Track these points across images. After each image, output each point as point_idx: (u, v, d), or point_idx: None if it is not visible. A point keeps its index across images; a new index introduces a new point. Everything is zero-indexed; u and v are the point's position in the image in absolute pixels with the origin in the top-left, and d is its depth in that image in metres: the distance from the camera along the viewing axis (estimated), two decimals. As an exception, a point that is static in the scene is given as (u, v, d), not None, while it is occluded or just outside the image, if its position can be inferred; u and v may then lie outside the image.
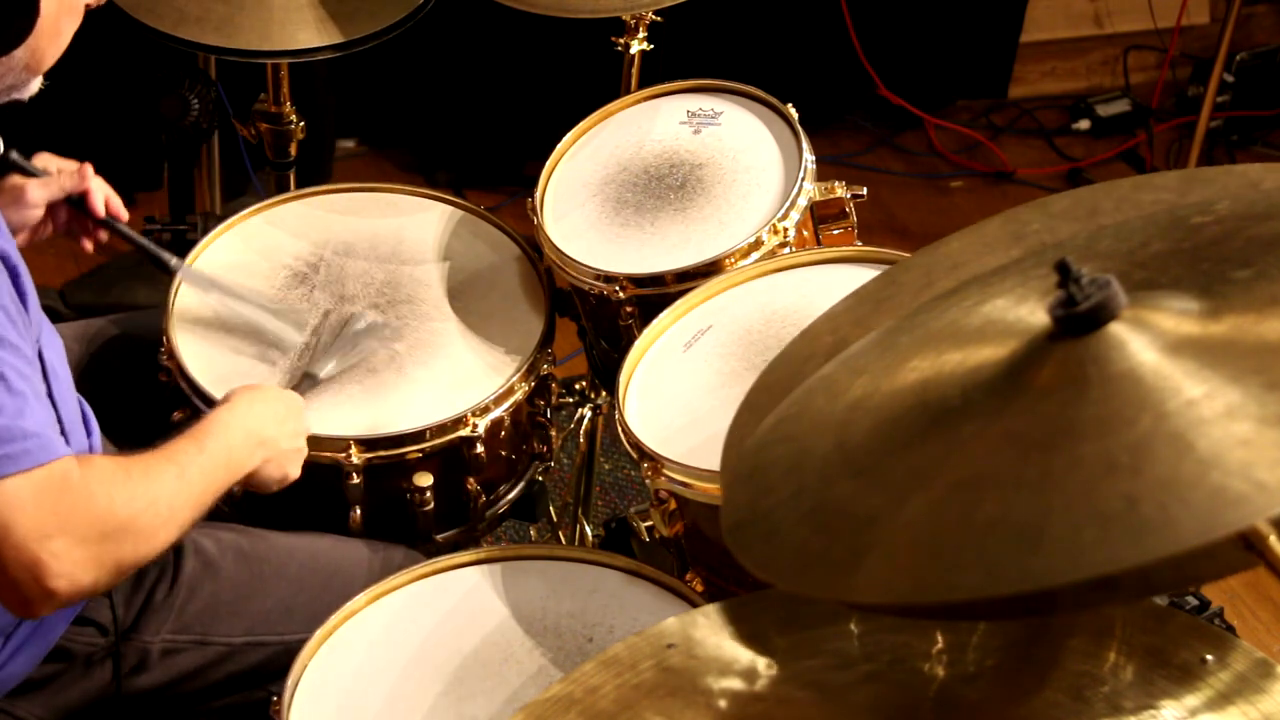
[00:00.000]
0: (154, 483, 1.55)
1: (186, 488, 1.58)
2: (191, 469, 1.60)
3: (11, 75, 1.55)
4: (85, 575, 1.48)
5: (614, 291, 2.02)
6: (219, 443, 1.65)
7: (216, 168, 3.17)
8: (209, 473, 1.62)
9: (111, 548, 1.50)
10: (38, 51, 1.55)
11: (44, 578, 1.45)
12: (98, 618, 1.72)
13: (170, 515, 1.56)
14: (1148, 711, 1.16)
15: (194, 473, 1.60)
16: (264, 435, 1.73)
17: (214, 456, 1.64)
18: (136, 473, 1.55)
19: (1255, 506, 0.93)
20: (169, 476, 1.57)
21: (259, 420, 1.73)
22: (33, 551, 1.44)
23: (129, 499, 1.52)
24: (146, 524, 1.53)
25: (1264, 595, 2.87)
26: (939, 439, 1.10)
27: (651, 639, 1.24)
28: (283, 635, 1.78)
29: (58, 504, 1.46)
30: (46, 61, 1.57)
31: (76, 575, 1.47)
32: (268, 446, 1.73)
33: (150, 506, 1.53)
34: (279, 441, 1.75)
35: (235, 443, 1.68)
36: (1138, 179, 1.41)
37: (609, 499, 3.03)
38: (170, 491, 1.56)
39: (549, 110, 2.49)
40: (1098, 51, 4.30)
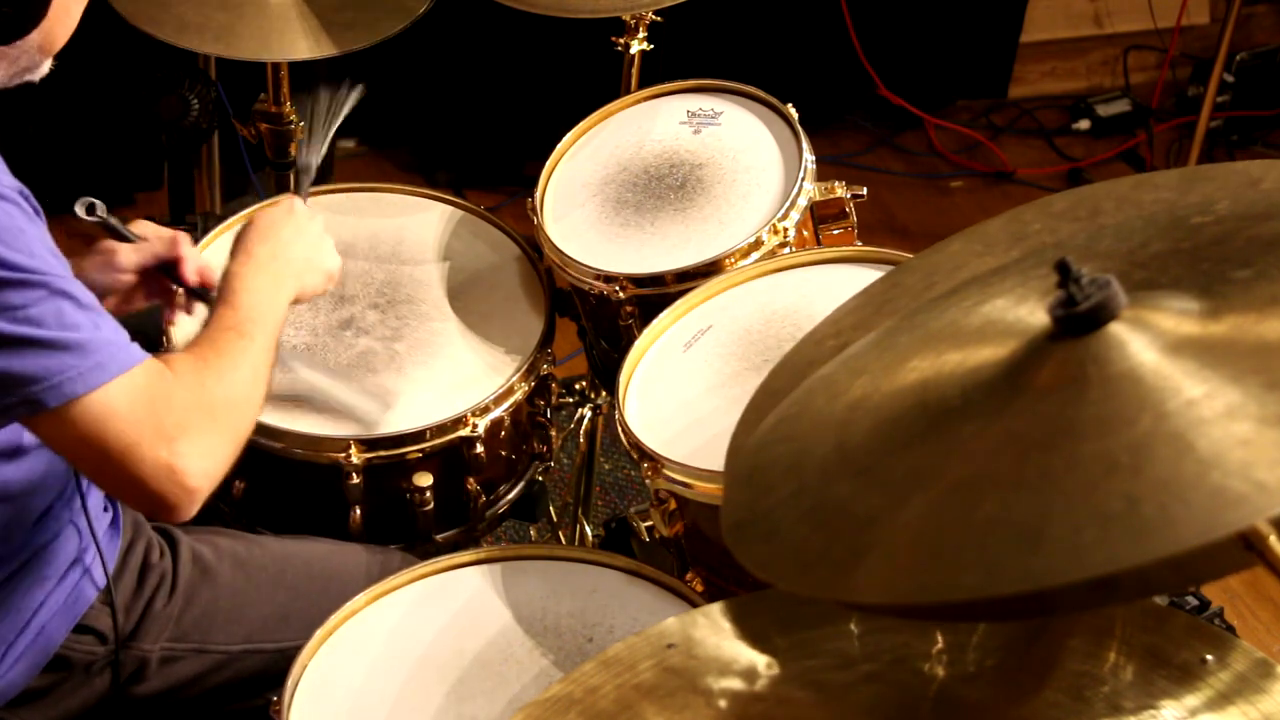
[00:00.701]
0: (228, 355, 1.62)
1: (252, 344, 1.65)
2: (243, 325, 1.66)
3: (26, 58, 1.56)
4: (214, 462, 1.54)
5: (614, 291, 2.02)
6: (250, 295, 1.70)
7: (216, 168, 3.17)
8: (260, 320, 1.68)
9: (226, 427, 1.56)
10: (50, 34, 1.56)
11: (182, 478, 1.50)
12: (98, 626, 1.72)
13: (254, 373, 1.63)
14: (1148, 711, 1.16)
15: (247, 328, 1.66)
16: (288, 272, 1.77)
17: (253, 306, 1.69)
18: (210, 354, 1.61)
19: (1255, 506, 0.93)
20: (233, 345, 1.64)
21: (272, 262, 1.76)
22: (164, 459, 1.49)
23: (219, 379, 1.58)
24: (244, 393, 1.61)
25: (1264, 595, 2.87)
26: (939, 439, 1.10)
27: (651, 639, 1.24)
28: (280, 642, 1.78)
29: (169, 404, 1.51)
30: (58, 43, 1.58)
31: (207, 465, 1.53)
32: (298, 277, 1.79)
33: (239, 376, 1.61)
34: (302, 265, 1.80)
35: (263, 289, 1.72)
36: (1138, 178, 1.41)
37: (609, 499, 3.03)
38: (239, 354, 1.63)
39: (549, 110, 2.49)
40: (1098, 51, 4.30)
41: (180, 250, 1.85)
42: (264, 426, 1.90)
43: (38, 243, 1.45)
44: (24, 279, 1.41)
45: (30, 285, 1.42)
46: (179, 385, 1.53)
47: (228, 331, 1.64)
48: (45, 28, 1.54)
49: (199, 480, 1.51)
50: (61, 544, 1.69)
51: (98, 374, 1.45)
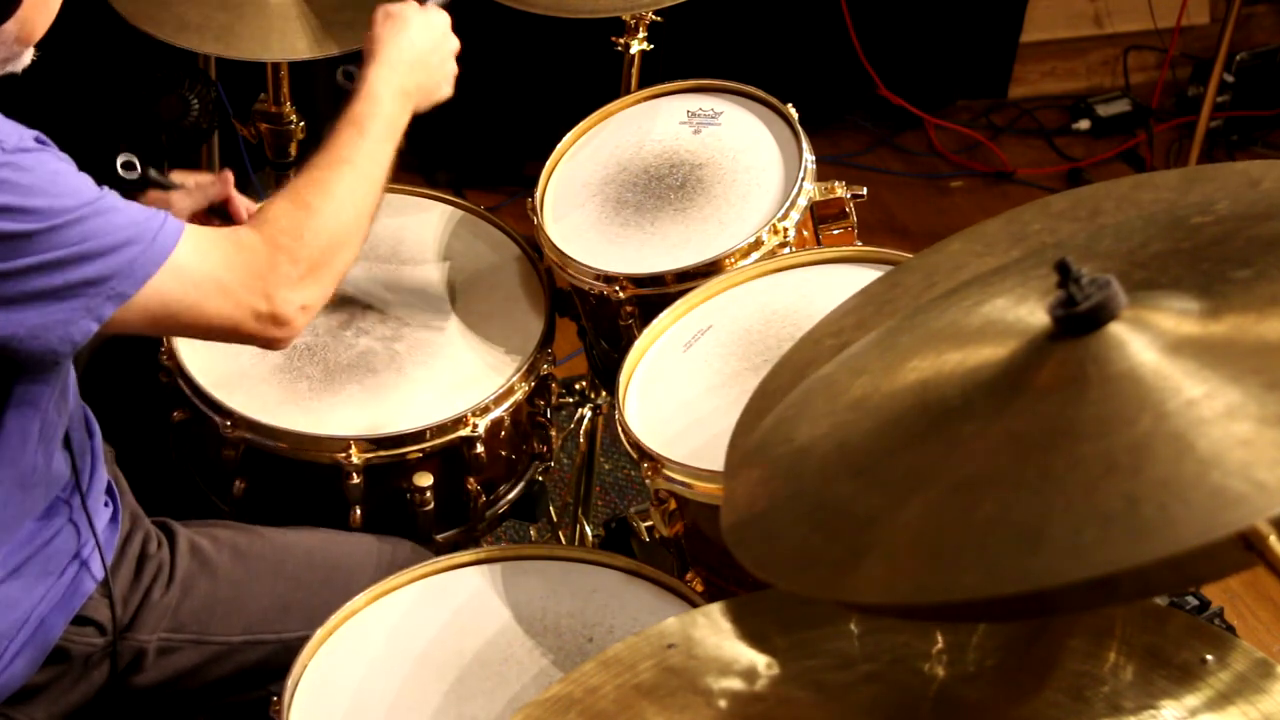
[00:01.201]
0: (332, 196, 1.67)
1: (364, 179, 1.70)
2: (361, 158, 1.71)
3: (4, 49, 1.57)
4: (317, 300, 1.66)
5: (614, 291, 2.02)
6: (379, 120, 1.75)
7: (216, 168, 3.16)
8: (378, 152, 1.73)
9: (326, 269, 1.66)
10: (27, 23, 1.56)
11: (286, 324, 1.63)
12: (96, 617, 1.72)
13: (358, 212, 1.69)
14: (1148, 711, 1.16)
15: (364, 161, 1.71)
16: (414, 84, 1.82)
17: (377, 135, 1.74)
18: (314, 199, 1.66)
19: (1255, 506, 0.93)
20: (344, 179, 1.69)
21: (408, 72, 1.81)
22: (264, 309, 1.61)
23: (318, 228, 1.65)
24: (344, 235, 1.67)
25: (1264, 595, 2.87)
26: (939, 439, 1.10)
27: (651, 639, 1.24)
28: (280, 633, 1.78)
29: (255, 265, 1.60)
30: (37, 32, 1.59)
31: (310, 305, 1.65)
32: (416, 93, 1.82)
33: (338, 219, 1.67)
34: (427, 81, 1.85)
35: (393, 110, 1.77)
36: (1138, 178, 1.41)
37: (609, 499, 3.03)
38: (349, 191, 1.69)
39: (549, 110, 2.49)
40: (1098, 51, 4.30)
41: (230, 189, 1.92)
42: (264, 426, 1.90)
43: (73, 177, 1.52)
44: (75, 217, 1.49)
45: (81, 220, 1.49)
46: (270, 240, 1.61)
47: (344, 165, 1.69)
48: (21, 17, 1.54)
49: (301, 320, 1.64)
50: (62, 539, 1.69)
51: (161, 248, 1.53)
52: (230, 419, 1.91)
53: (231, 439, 1.91)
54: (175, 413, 1.98)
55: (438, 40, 1.88)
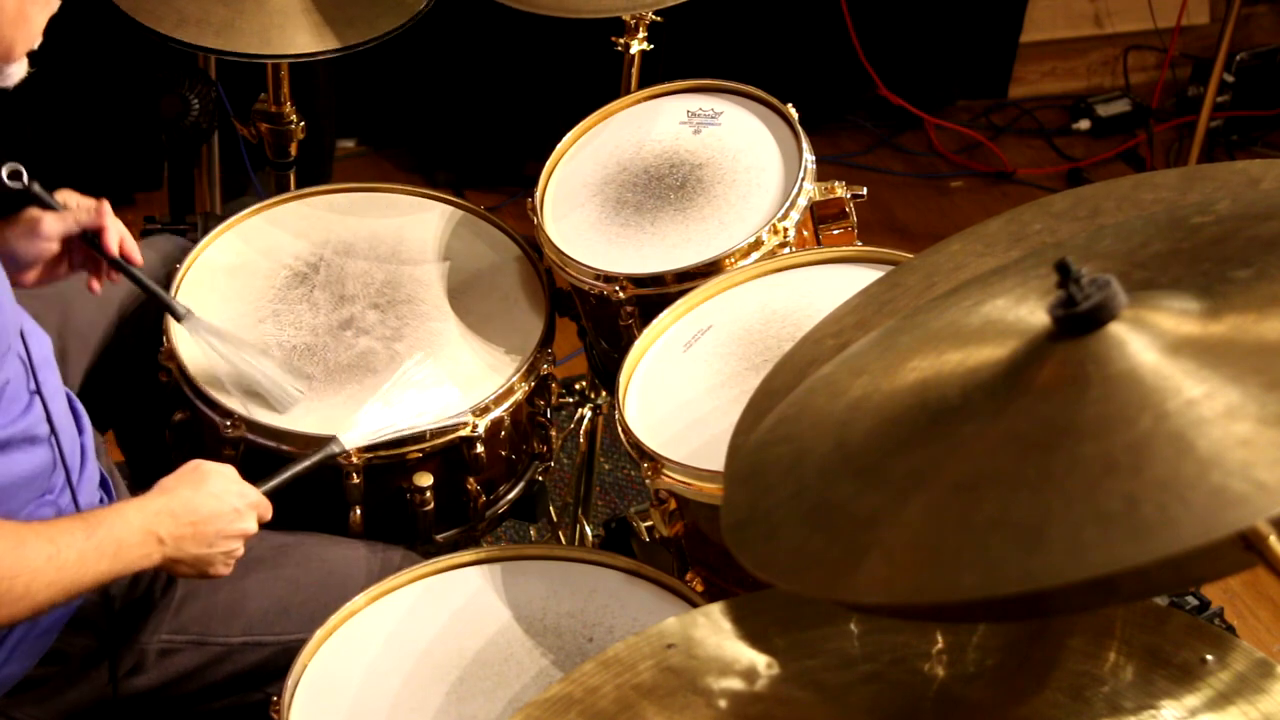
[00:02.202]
0: (20, 558, 1.49)
1: (55, 571, 1.51)
2: (68, 552, 1.52)
3: None
4: None
5: (614, 291, 2.02)
6: (109, 534, 1.56)
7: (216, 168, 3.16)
8: (89, 561, 1.54)
9: None
10: (7, 41, 1.53)
11: None
12: (92, 619, 1.72)
13: (27, 593, 1.49)
14: (1147, 711, 1.16)
15: (70, 556, 1.52)
16: (169, 533, 1.61)
17: (101, 547, 1.55)
18: (6, 543, 1.49)
19: (1255, 506, 0.93)
20: (40, 555, 1.50)
21: (168, 520, 1.61)
22: None
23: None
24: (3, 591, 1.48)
25: (1264, 595, 2.87)
26: (939, 439, 1.10)
27: (651, 639, 1.24)
28: (280, 635, 1.78)
29: None
30: (17, 51, 1.55)
31: None
32: (170, 546, 1.62)
33: (7, 580, 1.48)
34: (189, 544, 1.63)
35: (130, 539, 1.58)
36: (1138, 177, 1.41)
37: (609, 499, 3.03)
38: (34, 570, 1.50)
39: (549, 110, 2.49)
40: (1098, 51, 4.30)
41: (104, 220, 1.83)
42: (264, 426, 1.90)
43: None
44: None
45: None
46: None
47: (44, 541, 1.52)
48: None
49: None
50: None
51: None
52: (230, 419, 1.91)
53: (231, 439, 1.91)
54: (175, 413, 1.98)
55: (224, 517, 1.66)
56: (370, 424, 1.89)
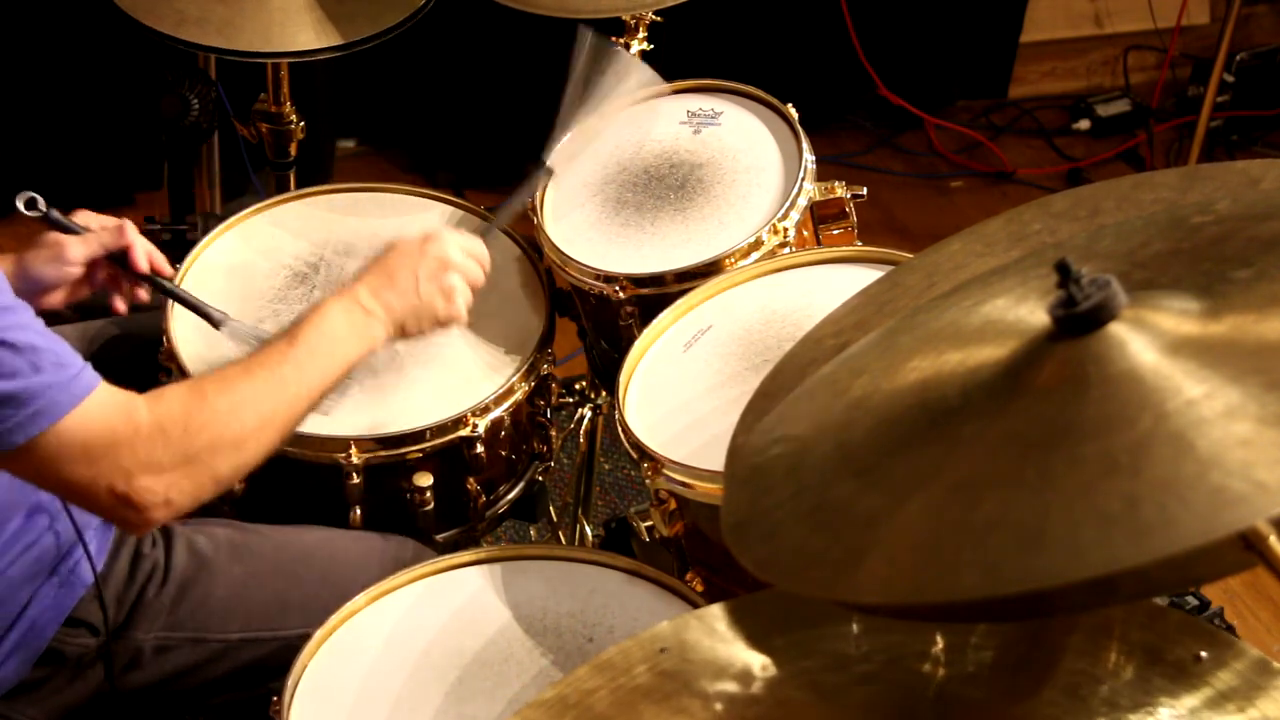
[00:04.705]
0: (234, 394, 1.56)
1: (278, 387, 1.59)
2: (284, 367, 1.60)
3: None
4: (180, 497, 1.52)
5: (614, 291, 2.02)
6: (316, 335, 1.63)
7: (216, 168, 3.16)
8: (306, 364, 1.61)
9: (200, 468, 1.53)
10: None
11: (141, 510, 1.50)
12: (88, 618, 1.72)
13: (261, 420, 1.57)
14: (1146, 711, 1.15)
15: (287, 370, 1.60)
16: (369, 300, 1.68)
17: (310, 347, 1.62)
18: (212, 390, 1.56)
19: (1255, 506, 0.93)
20: (255, 382, 1.58)
21: (362, 290, 1.68)
22: (120, 490, 1.49)
23: (205, 421, 1.53)
24: (233, 435, 1.55)
25: (1264, 595, 2.87)
26: (939, 439, 1.10)
27: (644, 643, 1.23)
28: (279, 631, 1.78)
29: (132, 440, 1.49)
30: None
31: (172, 500, 1.52)
32: (380, 311, 1.69)
33: (232, 418, 1.55)
34: (395, 299, 1.70)
35: (337, 327, 1.65)
36: (1138, 177, 1.41)
37: (609, 499, 3.03)
38: (257, 397, 1.57)
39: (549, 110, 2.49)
40: (1098, 51, 4.30)
41: (129, 238, 1.84)
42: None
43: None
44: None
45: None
46: (154, 423, 1.51)
47: (259, 369, 1.59)
48: None
49: (160, 515, 1.52)
50: (49, 539, 1.68)
51: (36, 421, 1.44)
52: (230, 419, 1.90)
53: (231, 439, 1.90)
54: (175, 413, 1.98)
55: (410, 256, 1.73)
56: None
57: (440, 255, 1.74)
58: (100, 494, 1.49)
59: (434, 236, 1.76)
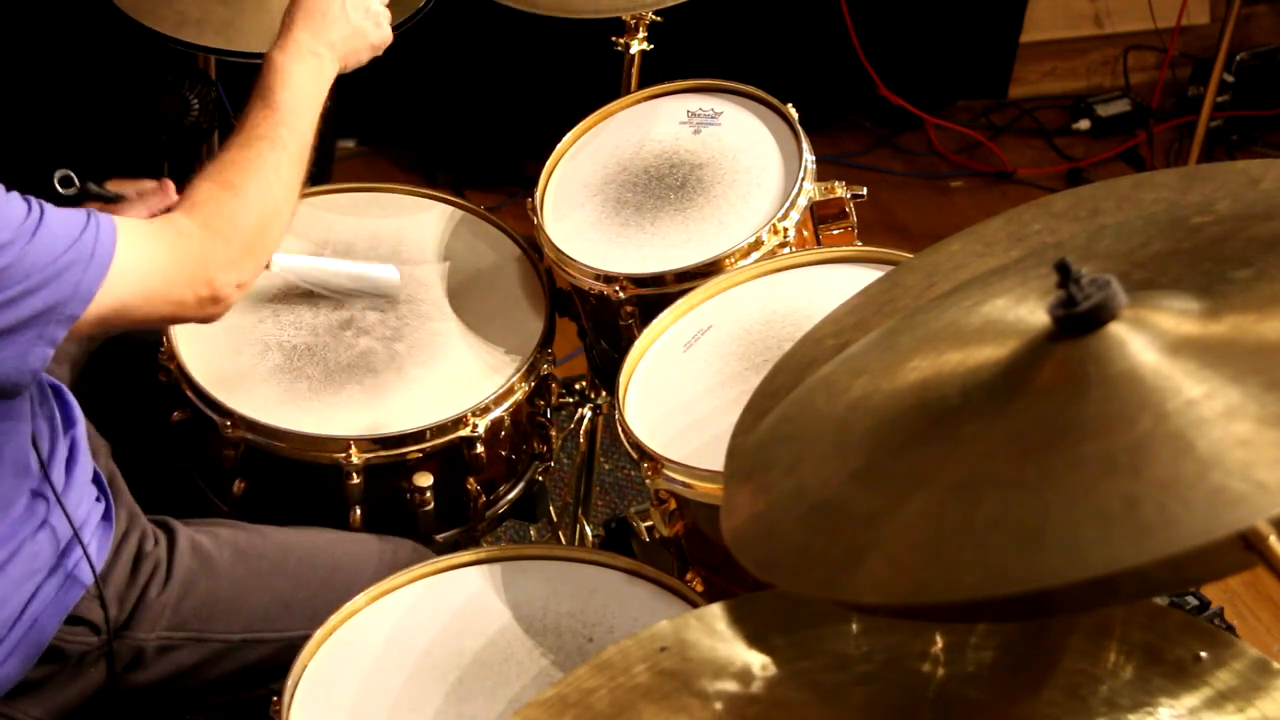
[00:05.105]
0: (254, 174, 1.66)
1: (283, 152, 1.68)
2: (277, 133, 1.68)
3: None
4: (251, 276, 1.67)
5: (614, 291, 2.02)
6: (288, 93, 1.73)
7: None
8: (294, 123, 1.71)
9: (261, 246, 1.67)
10: None
11: (223, 301, 1.64)
12: (89, 617, 1.72)
13: (285, 187, 1.68)
14: (1146, 711, 1.16)
15: (281, 135, 1.69)
16: (327, 45, 1.79)
17: (291, 107, 1.71)
18: (236, 179, 1.65)
19: (1255, 506, 0.93)
20: (264, 158, 1.67)
21: (300, 31, 1.78)
22: (205, 294, 1.61)
23: (247, 208, 1.64)
24: (272, 210, 1.67)
25: (1264, 595, 2.87)
26: (939, 439, 1.10)
27: (644, 642, 1.23)
28: (281, 631, 1.78)
29: (194, 250, 1.60)
30: None
31: (247, 282, 1.66)
32: (324, 45, 1.79)
33: (264, 197, 1.66)
34: (332, 30, 1.80)
35: (304, 84, 1.75)
36: (1138, 177, 1.41)
37: (609, 499, 3.03)
38: (271, 168, 1.67)
39: (549, 110, 2.49)
40: (1098, 51, 4.30)
41: (173, 196, 1.88)
42: (264, 426, 1.90)
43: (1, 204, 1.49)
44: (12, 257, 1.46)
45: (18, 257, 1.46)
46: (204, 225, 1.61)
47: (260, 142, 1.68)
48: None
49: (236, 297, 1.65)
50: (46, 537, 1.68)
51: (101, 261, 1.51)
52: (230, 419, 1.91)
53: (231, 439, 1.91)
54: (175, 413, 1.98)
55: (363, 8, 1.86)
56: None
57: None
58: (189, 306, 1.61)
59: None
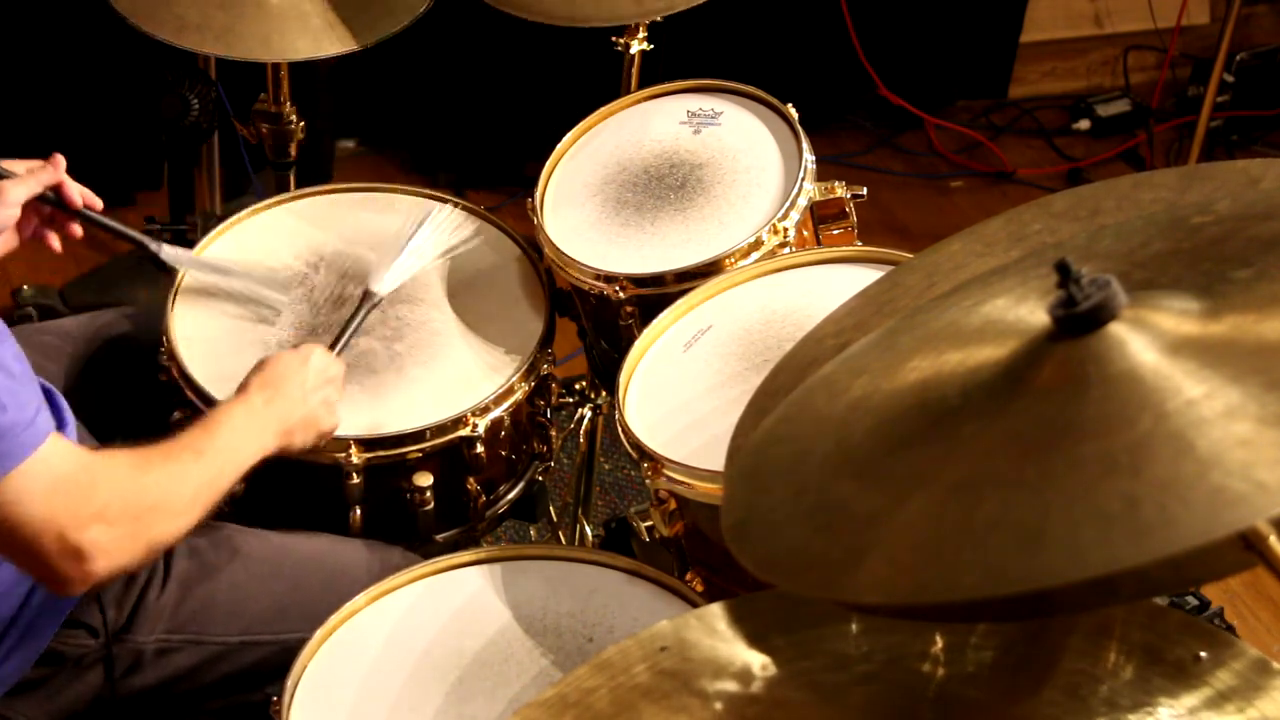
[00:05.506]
0: (175, 465, 1.63)
1: (206, 469, 1.65)
2: (206, 454, 1.66)
3: None
4: (122, 555, 1.56)
5: (614, 291, 2.02)
6: (226, 430, 1.71)
7: (216, 168, 3.17)
8: (220, 459, 1.68)
9: (144, 528, 1.58)
10: None
11: (84, 561, 1.52)
12: (87, 620, 1.72)
13: (194, 495, 1.63)
14: (1146, 711, 1.15)
15: (208, 458, 1.66)
16: (277, 418, 1.76)
17: (225, 442, 1.69)
18: (156, 458, 1.62)
19: (1255, 506, 0.93)
20: (188, 459, 1.64)
21: (266, 412, 1.76)
22: (71, 541, 1.50)
23: (155, 481, 1.60)
24: (175, 503, 1.62)
25: (1264, 595, 2.87)
26: (939, 439, 1.10)
27: (644, 642, 1.23)
28: (279, 634, 1.78)
29: (89, 489, 1.53)
30: None
31: (114, 555, 1.54)
32: (286, 435, 1.77)
33: (177, 486, 1.62)
34: (295, 416, 1.78)
35: (239, 433, 1.72)
36: (1138, 176, 1.41)
37: (609, 499, 3.03)
38: (191, 473, 1.64)
39: (549, 110, 2.49)
40: (1098, 51, 4.30)
41: (62, 174, 1.87)
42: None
43: None
44: None
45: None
46: (107, 473, 1.56)
47: (187, 450, 1.65)
48: None
49: (101, 568, 1.53)
50: None
51: (3, 461, 1.46)
52: (230, 419, 1.91)
53: (231, 439, 1.91)
54: (175, 413, 1.98)
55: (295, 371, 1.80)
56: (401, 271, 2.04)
57: (321, 369, 1.83)
58: (49, 541, 1.50)
59: (308, 352, 1.84)
